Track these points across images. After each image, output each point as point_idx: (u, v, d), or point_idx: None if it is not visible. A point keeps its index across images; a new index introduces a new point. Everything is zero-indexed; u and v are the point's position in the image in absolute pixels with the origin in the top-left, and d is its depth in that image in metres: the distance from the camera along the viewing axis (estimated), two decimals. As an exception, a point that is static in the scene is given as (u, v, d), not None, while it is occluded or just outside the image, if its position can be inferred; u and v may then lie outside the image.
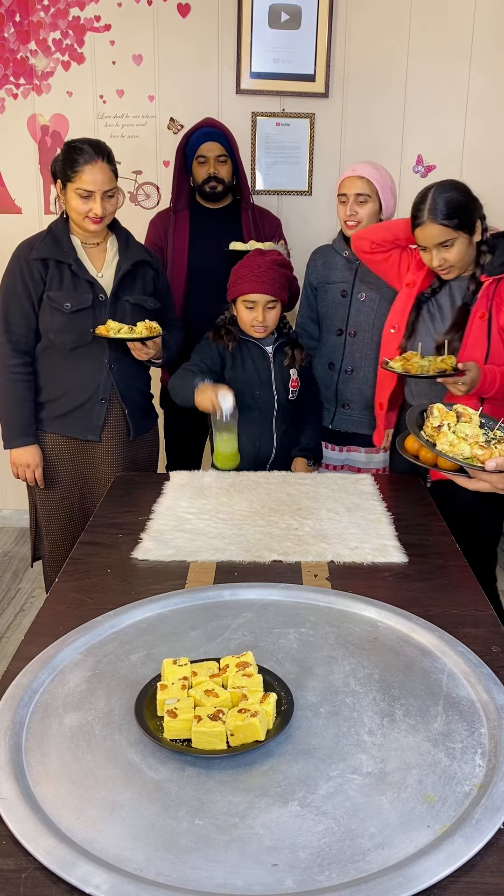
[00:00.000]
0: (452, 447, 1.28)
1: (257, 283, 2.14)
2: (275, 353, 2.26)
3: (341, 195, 2.40)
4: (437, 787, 0.90)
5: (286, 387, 2.25)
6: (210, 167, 2.63)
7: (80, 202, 2.10)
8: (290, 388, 2.27)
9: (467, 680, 1.09)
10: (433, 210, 1.91)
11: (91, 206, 2.09)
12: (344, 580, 1.41)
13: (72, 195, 2.10)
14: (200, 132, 2.65)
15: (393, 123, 3.21)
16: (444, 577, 1.44)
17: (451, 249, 1.94)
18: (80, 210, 2.11)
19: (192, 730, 0.94)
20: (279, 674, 1.09)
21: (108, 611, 1.27)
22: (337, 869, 0.79)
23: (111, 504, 1.78)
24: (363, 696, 1.06)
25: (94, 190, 2.08)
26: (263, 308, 2.16)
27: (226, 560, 1.48)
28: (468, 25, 3.09)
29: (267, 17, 3.06)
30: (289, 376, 2.26)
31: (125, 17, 3.09)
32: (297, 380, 2.28)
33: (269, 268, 2.15)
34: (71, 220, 2.18)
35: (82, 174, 2.06)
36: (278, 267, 2.17)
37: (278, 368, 2.25)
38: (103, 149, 2.11)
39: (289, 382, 2.26)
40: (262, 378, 2.23)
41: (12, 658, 1.15)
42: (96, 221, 2.12)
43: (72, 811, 0.86)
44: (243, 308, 2.18)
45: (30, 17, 3.08)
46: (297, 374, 2.28)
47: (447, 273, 2.00)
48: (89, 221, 2.12)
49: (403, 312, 2.11)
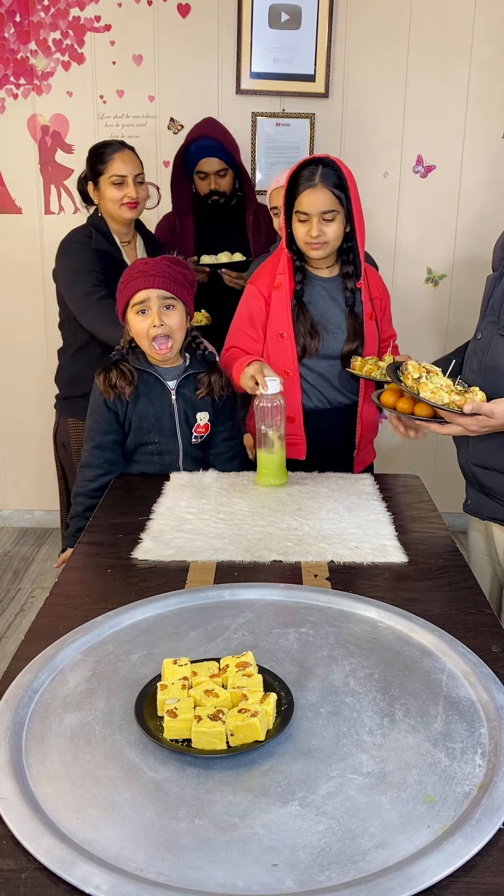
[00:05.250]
0: (433, 395, 1.47)
1: (144, 278, 1.79)
2: (181, 387, 1.89)
3: (273, 208, 2.35)
4: (437, 787, 0.90)
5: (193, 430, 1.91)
6: (211, 183, 2.64)
7: (115, 190, 2.24)
8: (195, 433, 1.91)
9: (467, 680, 1.09)
10: (326, 177, 1.91)
11: (126, 192, 2.24)
12: (344, 580, 1.41)
13: (106, 186, 2.25)
14: (199, 145, 2.64)
15: (393, 123, 3.21)
16: (443, 577, 1.44)
17: (331, 224, 1.93)
18: (115, 198, 2.25)
19: (192, 730, 0.94)
20: (279, 674, 1.09)
21: (108, 611, 1.27)
22: (337, 869, 0.79)
23: (111, 504, 1.78)
24: (363, 696, 1.06)
25: (127, 174, 2.24)
26: (159, 310, 1.80)
27: (226, 560, 1.48)
28: (468, 25, 3.09)
29: (267, 17, 3.06)
30: (195, 420, 1.90)
31: (125, 18, 3.09)
32: (206, 424, 1.92)
33: (157, 263, 1.82)
34: (107, 216, 2.30)
35: (113, 162, 2.24)
36: (173, 265, 1.85)
37: (183, 406, 1.90)
38: (126, 143, 2.31)
39: (193, 427, 1.91)
40: (163, 420, 1.88)
41: (12, 658, 1.15)
42: (132, 206, 2.29)
43: (72, 811, 0.86)
44: (136, 319, 1.82)
45: (30, 17, 3.08)
46: (208, 418, 1.91)
47: (317, 249, 1.95)
48: (126, 208, 2.27)
49: (286, 316, 2.03)
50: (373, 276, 2.12)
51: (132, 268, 1.85)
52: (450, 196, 3.30)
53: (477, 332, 1.67)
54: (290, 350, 2.02)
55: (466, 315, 3.30)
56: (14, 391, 3.52)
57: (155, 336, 1.81)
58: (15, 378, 3.51)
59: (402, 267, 3.38)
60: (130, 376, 1.85)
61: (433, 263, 3.38)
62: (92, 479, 1.88)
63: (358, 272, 2.04)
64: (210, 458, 1.98)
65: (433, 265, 3.38)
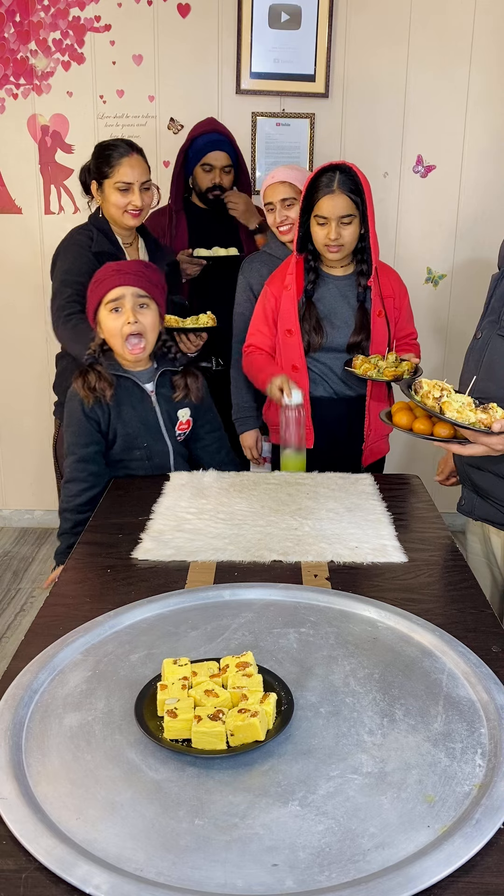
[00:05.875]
0: (459, 414, 1.38)
1: (119, 276, 1.77)
2: (158, 387, 1.89)
3: (268, 204, 2.36)
4: (437, 787, 0.90)
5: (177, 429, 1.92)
6: (215, 177, 2.64)
7: (120, 196, 2.17)
8: (178, 430, 1.92)
9: (467, 680, 1.09)
10: (343, 183, 2.04)
11: (130, 199, 2.17)
12: (344, 580, 1.41)
13: (110, 191, 2.18)
14: (207, 139, 2.64)
15: (393, 123, 3.21)
16: (444, 577, 1.44)
17: (348, 227, 2.06)
18: (119, 204, 2.18)
19: (192, 730, 0.94)
20: (279, 674, 1.09)
21: (108, 611, 1.27)
22: (337, 869, 0.79)
23: (111, 504, 1.78)
24: (363, 696, 1.06)
25: (133, 182, 2.16)
26: (133, 308, 1.77)
27: (226, 560, 1.48)
28: (468, 25, 3.09)
29: (267, 17, 3.05)
30: (177, 418, 1.90)
31: (125, 17, 3.09)
32: (188, 420, 1.92)
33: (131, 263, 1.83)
34: (109, 219, 2.23)
35: (119, 168, 2.15)
36: (145, 267, 1.85)
37: (164, 406, 1.90)
38: (135, 145, 2.22)
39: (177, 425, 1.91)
40: (148, 423, 1.87)
41: (12, 658, 1.15)
42: (136, 214, 2.21)
43: (72, 811, 0.86)
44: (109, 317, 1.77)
45: (30, 17, 3.08)
46: (189, 413, 1.92)
47: (335, 252, 2.08)
48: (129, 216, 2.20)
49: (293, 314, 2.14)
50: (387, 276, 2.21)
51: (104, 268, 1.83)
52: (450, 196, 3.29)
53: (477, 332, 1.67)
54: (297, 346, 2.14)
55: (466, 315, 3.30)
56: (14, 391, 3.52)
57: (128, 334, 1.77)
58: (15, 378, 3.51)
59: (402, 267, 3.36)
60: (108, 378, 1.81)
61: (433, 263, 3.38)
62: (78, 494, 1.85)
63: (369, 271, 2.13)
64: (197, 452, 1.99)
65: (433, 265, 3.38)
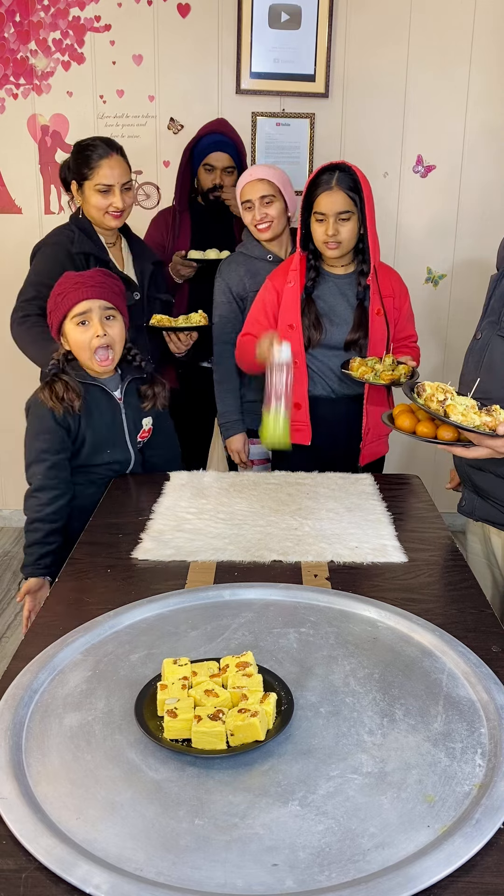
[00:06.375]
0: (464, 417, 1.38)
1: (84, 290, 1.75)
2: (126, 394, 1.87)
3: (245, 202, 2.35)
4: (437, 787, 0.90)
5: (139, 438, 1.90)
6: (216, 177, 2.64)
7: (100, 198, 2.11)
8: (139, 438, 1.90)
9: (467, 680, 1.09)
10: (342, 180, 2.06)
11: (111, 201, 2.11)
12: (344, 580, 1.41)
13: (90, 193, 2.12)
14: (211, 139, 2.64)
15: (393, 123, 3.21)
16: (444, 577, 1.44)
17: (346, 224, 2.07)
18: (100, 206, 2.12)
19: (192, 730, 0.94)
20: (279, 674, 1.09)
21: (108, 611, 1.27)
22: (337, 869, 0.79)
23: (111, 504, 1.78)
24: (363, 696, 1.06)
25: (113, 183, 2.10)
26: (101, 320, 1.76)
27: (226, 560, 1.48)
28: (468, 25, 3.09)
29: (267, 17, 3.06)
30: (141, 426, 1.89)
31: (125, 17, 3.09)
32: (150, 428, 1.91)
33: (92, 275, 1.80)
34: (91, 220, 2.18)
35: (99, 169, 2.09)
36: (107, 276, 1.83)
37: (131, 414, 1.87)
38: (115, 143, 2.15)
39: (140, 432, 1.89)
40: (114, 430, 1.85)
41: (12, 658, 1.15)
42: (117, 216, 2.14)
43: (72, 811, 0.86)
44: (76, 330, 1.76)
45: (30, 17, 3.08)
46: (151, 422, 1.91)
47: (334, 249, 2.09)
48: (110, 217, 2.14)
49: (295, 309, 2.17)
50: (387, 276, 2.23)
51: (65, 280, 1.80)
52: (450, 196, 3.30)
53: (477, 332, 1.67)
54: (298, 341, 2.15)
55: (466, 315, 3.30)
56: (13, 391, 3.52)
57: (97, 347, 1.76)
58: (14, 378, 3.50)
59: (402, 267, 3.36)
60: (76, 388, 1.78)
61: (433, 263, 3.38)
62: (48, 503, 1.80)
63: (369, 270, 2.14)
64: (154, 459, 1.99)
65: (433, 265, 3.38)
